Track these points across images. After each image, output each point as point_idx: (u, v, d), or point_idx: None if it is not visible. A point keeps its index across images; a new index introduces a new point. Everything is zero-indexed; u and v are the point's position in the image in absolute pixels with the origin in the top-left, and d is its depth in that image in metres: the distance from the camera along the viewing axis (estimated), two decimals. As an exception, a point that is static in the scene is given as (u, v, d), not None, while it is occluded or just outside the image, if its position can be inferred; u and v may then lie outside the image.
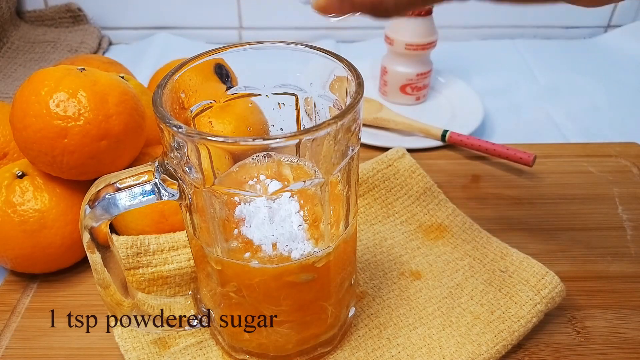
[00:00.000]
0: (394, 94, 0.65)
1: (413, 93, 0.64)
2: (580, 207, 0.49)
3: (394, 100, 0.65)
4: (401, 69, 0.63)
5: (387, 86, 0.65)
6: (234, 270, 0.31)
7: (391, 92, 0.65)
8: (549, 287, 0.37)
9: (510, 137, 0.60)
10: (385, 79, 0.65)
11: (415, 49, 0.61)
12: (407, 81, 0.63)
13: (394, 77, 0.64)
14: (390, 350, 0.36)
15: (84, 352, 0.37)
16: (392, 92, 0.65)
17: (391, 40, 0.62)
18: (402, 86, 0.64)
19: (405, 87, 0.64)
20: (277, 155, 0.32)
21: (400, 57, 0.63)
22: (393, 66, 0.64)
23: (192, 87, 0.31)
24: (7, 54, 0.74)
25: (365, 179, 0.47)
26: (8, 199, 0.39)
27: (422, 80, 0.64)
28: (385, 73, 0.64)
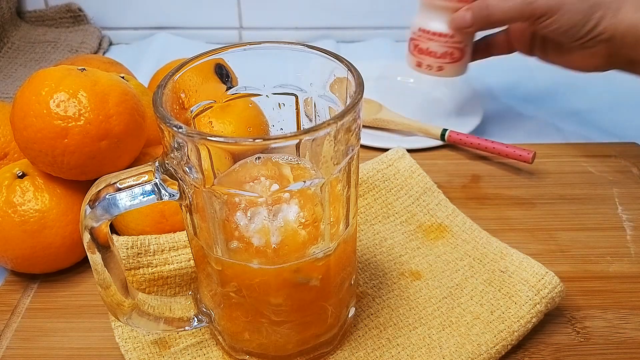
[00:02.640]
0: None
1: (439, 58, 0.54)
2: (580, 207, 0.49)
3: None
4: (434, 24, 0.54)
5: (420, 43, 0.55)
6: (234, 271, 0.31)
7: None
8: (548, 287, 0.37)
9: (510, 137, 0.60)
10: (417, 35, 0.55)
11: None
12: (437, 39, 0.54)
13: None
14: (390, 350, 0.36)
15: (84, 352, 0.37)
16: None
17: None
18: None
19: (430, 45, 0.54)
20: (277, 156, 0.32)
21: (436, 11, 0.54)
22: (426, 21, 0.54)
23: (192, 87, 0.31)
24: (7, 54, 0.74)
25: (365, 179, 0.47)
26: (8, 199, 0.39)
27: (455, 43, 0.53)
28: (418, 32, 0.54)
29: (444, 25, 0.52)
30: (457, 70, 0.54)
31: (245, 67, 0.33)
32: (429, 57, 0.54)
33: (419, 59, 0.54)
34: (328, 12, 0.80)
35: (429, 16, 0.53)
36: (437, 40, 0.52)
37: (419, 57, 0.54)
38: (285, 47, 0.32)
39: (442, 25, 0.52)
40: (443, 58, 0.53)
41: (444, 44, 0.52)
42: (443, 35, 0.52)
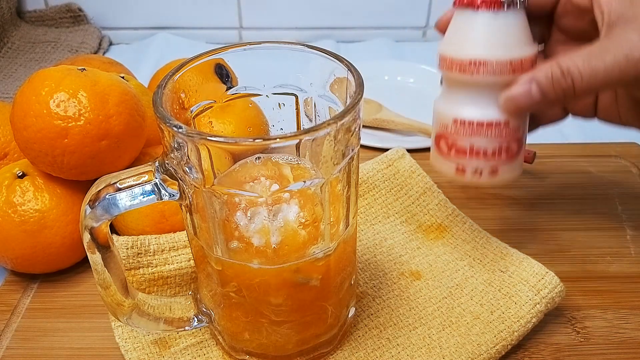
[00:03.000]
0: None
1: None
2: (580, 207, 0.49)
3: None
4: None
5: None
6: (234, 271, 0.31)
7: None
8: (548, 287, 0.37)
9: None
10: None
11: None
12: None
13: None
14: (390, 350, 0.36)
15: (84, 352, 0.37)
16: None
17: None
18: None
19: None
20: (277, 156, 0.32)
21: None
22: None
23: (192, 87, 0.31)
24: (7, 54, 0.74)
25: (365, 179, 0.47)
26: (8, 199, 0.39)
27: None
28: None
29: (494, 108, 0.34)
30: (514, 170, 0.36)
31: (245, 67, 0.33)
32: (476, 159, 0.35)
33: (460, 163, 0.35)
34: (328, 12, 0.80)
35: (464, 100, 0.35)
36: (486, 133, 0.34)
37: (460, 160, 0.35)
38: (285, 47, 0.32)
39: (490, 109, 0.34)
40: (497, 157, 0.35)
41: (497, 137, 0.34)
42: (495, 126, 0.34)
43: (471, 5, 0.33)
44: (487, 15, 0.33)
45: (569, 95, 0.32)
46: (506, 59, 0.33)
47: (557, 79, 0.32)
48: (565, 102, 0.34)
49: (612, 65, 0.31)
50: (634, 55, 0.31)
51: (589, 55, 0.32)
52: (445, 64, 0.35)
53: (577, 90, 0.32)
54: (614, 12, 0.32)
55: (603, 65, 0.31)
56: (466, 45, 0.34)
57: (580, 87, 0.32)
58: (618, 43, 0.31)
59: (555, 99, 0.33)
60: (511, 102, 0.33)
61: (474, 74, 0.33)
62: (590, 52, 0.32)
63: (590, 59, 0.31)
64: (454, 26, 0.35)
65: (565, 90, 0.32)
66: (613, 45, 0.31)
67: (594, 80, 0.31)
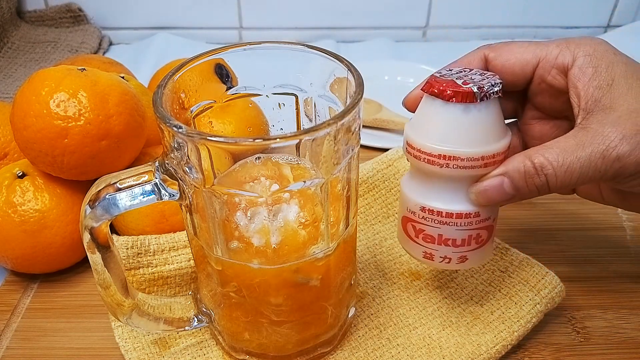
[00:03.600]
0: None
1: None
2: (580, 207, 0.49)
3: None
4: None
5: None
6: (234, 271, 0.31)
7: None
8: (548, 287, 0.37)
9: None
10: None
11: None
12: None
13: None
14: (390, 350, 0.36)
15: (84, 352, 0.37)
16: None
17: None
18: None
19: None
20: (277, 156, 0.32)
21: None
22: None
23: (192, 87, 0.31)
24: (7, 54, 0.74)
25: (365, 179, 0.47)
26: (8, 199, 0.39)
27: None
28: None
29: (463, 200, 0.32)
30: (484, 256, 0.34)
31: (245, 67, 0.33)
32: (445, 247, 0.33)
33: (427, 249, 0.34)
34: (328, 12, 0.80)
35: (433, 189, 0.32)
36: (455, 223, 0.32)
37: (428, 246, 0.33)
38: (285, 47, 0.32)
39: (459, 200, 0.32)
40: (466, 245, 0.33)
41: (466, 227, 0.32)
42: (465, 216, 0.32)
43: (441, 96, 0.30)
44: (459, 108, 0.30)
45: (543, 192, 0.31)
46: (478, 154, 0.30)
47: (530, 175, 0.30)
48: (540, 195, 0.31)
49: (588, 164, 0.29)
50: (610, 155, 0.29)
51: (563, 151, 0.29)
52: (413, 152, 0.32)
53: (552, 187, 0.30)
54: (591, 98, 0.30)
55: (578, 164, 0.29)
56: (435, 136, 0.31)
57: (555, 185, 0.30)
58: (593, 138, 0.29)
59: (529, 194, 0.31)
60: (483, 196, 0.31)
61: (444, 168, 0.31)
62: (565, 148, 0.30)
63: (564, 155, 0.29)
64: (423, 111, 0.32)
65: (539, 187, 0.30)
66: (589, 141, 0.29)
67: (569, 179, 0.29)
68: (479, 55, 0.34)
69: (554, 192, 0.31)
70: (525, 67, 0.33)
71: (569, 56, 0.31)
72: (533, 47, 0.33)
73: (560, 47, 0.32)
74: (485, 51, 0.34)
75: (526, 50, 0.33)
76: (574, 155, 0.29)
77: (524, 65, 0.33)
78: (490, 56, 0.33)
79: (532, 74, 0.33)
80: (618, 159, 0.29)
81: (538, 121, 0.36)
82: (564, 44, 0.32)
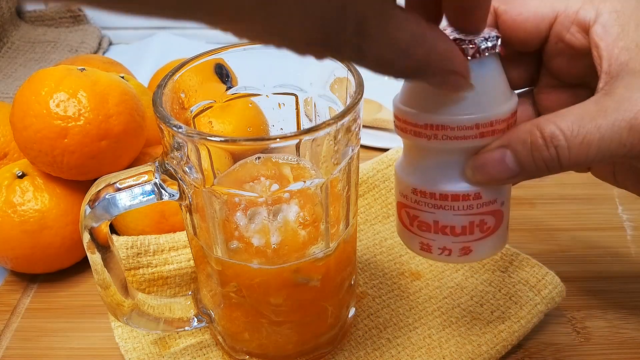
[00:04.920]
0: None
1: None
2: (580, 207, 0.49)
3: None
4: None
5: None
6: (234, 271, 0.31)
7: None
8: (549, 287, 0.37)
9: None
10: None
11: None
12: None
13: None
14: (390, 350, 0.36)
15: (84, 353, 0.37)
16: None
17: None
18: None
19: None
20: (277, 156, 0.32)
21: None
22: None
23: (192, 87, 0.31)
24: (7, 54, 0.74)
25: (365, 179, 0.47)
26: (8, 199, 0.39)
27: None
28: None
29: (460, 178, 0.27)
30: (493, 248, 0.29)
31: (245, 67, 0.33)
32: (443, 236, 0.28)
33: (424, 239, 0.29)
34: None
35: (424, 167, 0.28)
36: (451, 206, 0.27)
37: (425, 236, 0.29)
38: (285, 47, 0.32)
39: (455, 178, 0.27)
40: (467, 234, 0.28)
41: (466, 212, 0.27)
42: (463, 198, 0.27)
43: None
44: None
45: (553, 169, 0.25)
46: (472, 122, 0.25)
47: (537, 147, 0.25)
48: (550, 174, 0.26)
49: (611, 135, 0.24)
50: (639, 125, 0.24)
51: (580, 117, 0.24)
52: (400, 125, 0.27)
53: (563, 163, 0.25)
54: (616, 60, 0.25)
55: (598, 134, 0.24)
56: (421, 103, 0.26)
57: (567, 160, 0.25)
58: (619, 104, 0.24)
59: (537, 172, 0.26)
60: (481, 172, 0.26)
61: (432, 140, 0.26)
62: (583, 113, 0.24)
63: (582, 122, 0.24)
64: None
65: (548, 163, 0.25)
66: (613, 107, 0.24)
67: (584, 153, 0.24)
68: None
69: (567, 170, 0.25)
70: (540, 22, 0.28)
71: (591, 11, 0.27)
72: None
73: (583, 0, 0.27)
74: (496, 3, 0.28)
75: (542, 3, 0.28)
76: (593, 123, 0.24)
77: (539, 21, 0.27)
78: (500, 9, 0.28)
79: (548, 31, 0.28)
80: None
81: (554, 89, 0.30)
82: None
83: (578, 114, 0.24)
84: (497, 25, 0.28)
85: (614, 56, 0.25)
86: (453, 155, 0.27)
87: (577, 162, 0.24)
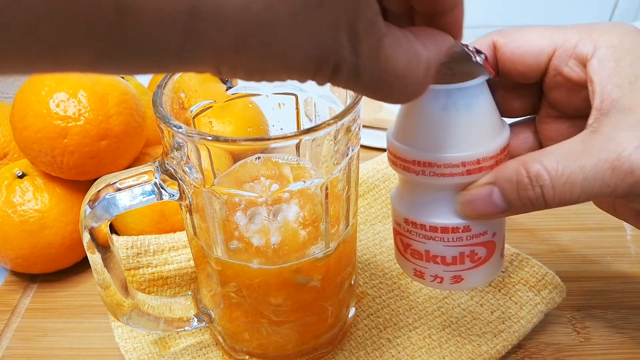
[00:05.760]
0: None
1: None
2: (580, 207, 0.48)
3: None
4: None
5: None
6: (234, 271, 0.31)
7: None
8: (549, 287, 0.37)
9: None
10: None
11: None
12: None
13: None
14: (390, 350, 0.36)
15: (84, 353, 0.37)
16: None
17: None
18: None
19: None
20: (277, 156, 0.32)
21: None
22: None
23: (192, 87, 0.31)
24: (7, 54, 0.74)
25: (365, 179, 0.47)
26: (8, 199, 0.39)
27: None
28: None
29: (450, 211, 0.28)
30: (485, 277, 0.30)
31: (245, 67, 0.33)
32: (434, 265, 0.29)
33: (417, 266, 0.30)
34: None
35: (416, 198, 0.29)
36: (441, 238, 0.28)
37: (417, 263, 0.29)
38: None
39: (445, 212, 0.28)
40: (458, 264, 0.28)
41: (455, 244, 0.28)
42: (452, 230, 0.28)
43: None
44: (432, 97, 0.25)
45: (539, 207, 0.25)
46: (458, 160, 0.26)
47: (523, 186, 0.25)
48: (537, 210, 0.26)
49: (594, 175, 0.24)
50: (622, 166, 0.23)
51: (566, 156, 0.24)
52: (391, 158, 0.28)
53: (549, 202, 0.25)
54: (608, 97, 0.25)
55: (582, 174, 0.24)
56: (410, 139, 0.26)
57: (552, 199, 0.25)
58: (603, 144, 0.24)
59: (523, 209, 0.26)
60: (469, 208, 0.27)
61: (420, 175, 0.26)
62: (569, 152, 0.24)
63: (567, 162, 0.24)
64: (402, 108, 0.28)
65: (534, 202, 0.25)
66: (597, 147, 0.24)
67: (569, 193, 0.24)
68: (487, 42, 0.29)
69: (553, 207, 0.25)
70: (539, 56, 0.28)
71: (589, 45, 0.26)
72: (550, 32, 0.28)
73: (581, 34, 0.27)
74: (495, 37, 0.28)
75: (541, 36, 0.28)
76: (577, 163, 0.24)
77: (538, 54, 0.28)
78: (499, 42, 0.28)
79: (546, 64, 0.28)
80: (631, 172, 0.23)
81: (555, 120, 0.30)
82: (587, 31, 0.27)
83: (564, 152, 0.25)
84: (496, 59, 0.29)
85: (606, 92, 0.25)
86: (442, 190, 0.27)
87: (561, 201, 0.25)
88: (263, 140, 0.25)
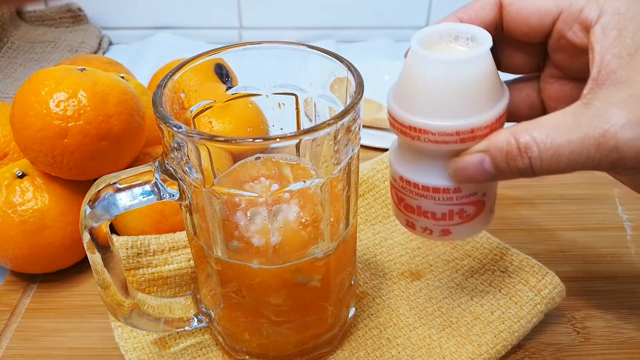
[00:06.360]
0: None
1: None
2: (580, 207, 0.49)
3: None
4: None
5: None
6: (234, 271, 0.31)
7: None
8: (549, 287, 0.37)
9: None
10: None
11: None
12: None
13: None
14: (390, 350, 0.36)
15: (84, 353, 0.37)
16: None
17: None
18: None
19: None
20: (277, 156, 0.32)
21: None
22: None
23: (192, 87, 0.31)
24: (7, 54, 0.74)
25: (365, 179, 0.47)
26: (8, 199, 0.39)
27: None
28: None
29: (441, 174, 0.29)
30: (472, 231, 0.32)
31: (245, 67, 0.33)
32: (424, 219, 0.31)
33: (409, 218, 0.32)
34: (328, 12, 0.80)
35: (410, 160, 0.30)
36: (432, 197, 0.30)
37: (409, 215, 0.32)
38: (285, 47, 0.32)
39: (436, 175, 0.29)
40: (447, 219, 0.30)
41: (446, 202, 0.30)
42: (443, 191, 0.29)
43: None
44: (432, 63, 0.26)
45: (527, 175, 0.26)
46: (452, 129, 0.26)
47: (513, 156, 0.26)
48: (525, 177, 0.27)
49: (580, 150, 0.25)
50: (607, 142, 0.24)
51: (555, 129, 0.25)
52: (390, 120, 0.29)
53: (536, 172, 0.26)
54: (606, 67, 0.25)
55: (568, 148, 0.25)
56: (408, 104, 0.27)
57: (540, 170, 0.26)
58: (592, 119, 0.25)
59: (512, 176, 0.27)
60: (461, 173, 0.28)
61: (415, 140, 0.27)
62: (559, 125, 0.25)
63: (555, 135, 0.25)
64: (402, 71, 0.28)
65: (522, 171, 0.26)
66: (585, 122, 0.25)
67: (555, 164, 0.25)
68: (493, 0, 0.29)
69: (541, 176, 0.27)
70: (544, 18, 0.28)
71: (595, 10, 0.26)
72: None
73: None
74: None
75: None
76: (566, 136, 0.25)
77: (543, 16, 0.28)
78: (505, 1, 0.28)
79: (551, 26, 0.28)
80: (616, 148, 0.24)
81: (558, 80, 0.31)
82: None
83: (554, 125, 0.25)
84: (502, 17, 0.29)
85: (605, 62, 0.26)
86: (435, 154, 0.28)
87: (548, 171, 0.26)
88: (263, 140, 0.25)
